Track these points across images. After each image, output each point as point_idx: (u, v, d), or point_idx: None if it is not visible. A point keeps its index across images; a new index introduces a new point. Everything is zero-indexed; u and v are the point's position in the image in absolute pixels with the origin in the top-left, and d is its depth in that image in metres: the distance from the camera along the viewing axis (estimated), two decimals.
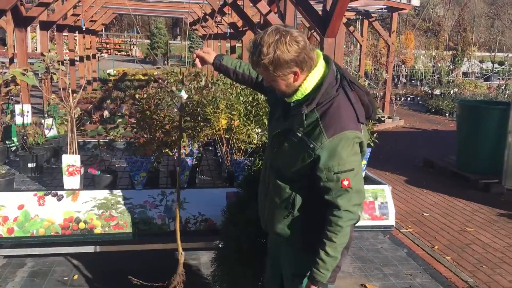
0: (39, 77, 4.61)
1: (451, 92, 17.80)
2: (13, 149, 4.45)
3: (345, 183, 2.02)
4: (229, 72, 2.65)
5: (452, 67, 25.59)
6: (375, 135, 4.04)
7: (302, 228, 2.21)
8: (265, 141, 3.76)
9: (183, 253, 3.18)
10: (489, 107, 7.95)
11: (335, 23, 4.61)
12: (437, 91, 18.48)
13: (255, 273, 2.95)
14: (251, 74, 2.62)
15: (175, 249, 3.24)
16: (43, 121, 4.42)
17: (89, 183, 3.73)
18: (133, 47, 37.52)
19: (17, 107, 4.32)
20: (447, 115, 15.42)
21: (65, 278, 4.02)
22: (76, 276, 4.06)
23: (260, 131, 3.93)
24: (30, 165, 4.00)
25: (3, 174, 3.60)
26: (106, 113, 10.40)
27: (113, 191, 3.47)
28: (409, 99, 19.28)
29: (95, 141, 5.00)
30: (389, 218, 3.72)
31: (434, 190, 7.17)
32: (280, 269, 2.48)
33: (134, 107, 9.89)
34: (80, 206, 3.38)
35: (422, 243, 5.10)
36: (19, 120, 4.32)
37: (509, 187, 7.00)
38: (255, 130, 3.86)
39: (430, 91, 19.04)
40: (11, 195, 3.34)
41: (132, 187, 3.63)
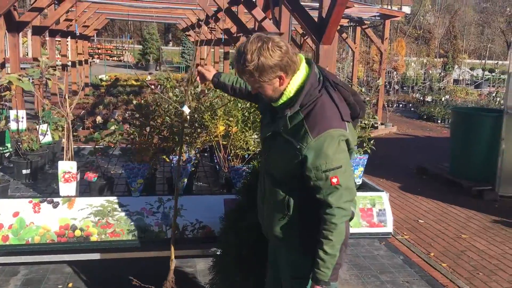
0: (32, 83, 4.57)
1: (443, 99, 17.93)
2: (7, 155, 4.40)
3: (334, 181, 2.06)
4: (227, 88, 2.80)
5: (443, 74, 25.80)
6: (372, 141, 4.04)
7: (299, 230, 2.25)
8: None
9: (174, 260, 3.15)
10: (482, 114, 8.00)
11: (331, 30, 4.62)
12: (429, 98, 18.59)
13: (255, 280, 2.92)
14: (247, 88, 2.70)
15: (174, 256, 3.21)
16: (37, 127, 4.37)
17: (85, 189, 3.69)
18: (125, 53, 37.42)
19: (12, 113, 4.26)
20: (439, 121, 15.52)
21: (60, 286, 3.97)
22: (70, 284, 4.01)
23: (257, 138, 3.91)
24: (24, 172, 3.95)
25: None
26: (98, 118, 10.34)
27: (110, 198, 3.42)
28: (401, 105, 19.38)
29: (89, 147, 4.96)
30: (387, 225, 3.70)
31: (428, 196, 7.19)
32: (279, 274, 2.49)
33: (128, 113, 9.83)
34: (76, 213, 3.33)
35: (418, 250, 5.10)
36: (13, 126, 4.26)
37: (503, 194, 7.05)
38: (253, 136, 3.84)
39: (422, 98, 19.15)
40: (6, 202, 3.29)
41: (128, 193, 3.59)
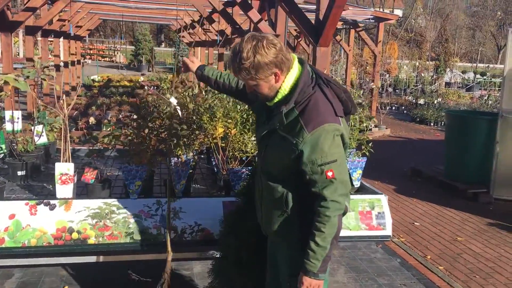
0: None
1: (435, 101, 18.02)
2: (1, 156, 4.33)
3: (329, 174, 2.11)
4: (211, 82, 2.85)
5: (435, 77, 25.92)
6: (370, 144, 4.03)
7: (298, 226, 2.28)
8: None
9: (171, 252, 3.11)
10: (477, 117, 8.03)
11: (328, 32, 4.62)
12: (422, 101, 18.67)
13: (255, 283, 2.89)
14: (231, 83, 2.79)
15: (171, 259, 3.18)
16: (32, 128, 4.32)
17: (81, 191, 3.64)
18: (117, 53, 37.23)
19: (7, 114, 4.21)
20: (432, 124, 15.58)
21: None
22: (66, 287, 3.96)
23: (255, 140, 3.89)
24: (19, 173, 3.90)
25: None
26: (92, 119, 10.25)
27: (107, 200, 3.38)
28: (394, 108, 19.43)
29: (84, 149, 4.90)
30: (386, 228, 3.69)
31: (423, 199, 7.19)
32: (278, 272, 2.50)
33: (122, 114, 9.75)
34: (73, 215, 3.29)
35: (414, 253, 5.10)
36: (9, 126, 4.20)
37: (497, 197, 7.07)
38: (252, 138, 3.81)
39: (414, 101, 19.22)
40: (1, 204, 3.24)
41: (126, 195, 3.56)
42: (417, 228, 5.96)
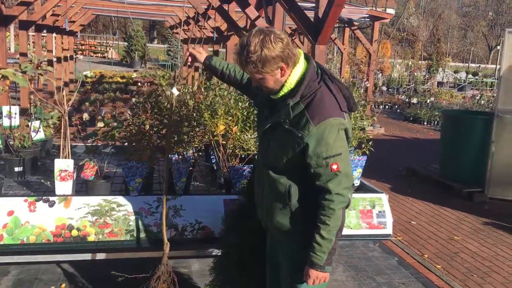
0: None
1: (428, 101, 18.13)
2: None
3: (334, 167, 2.14)
4: (217, 72, 2.86)
5: (427, 76, 26.05)
6: (370, 143, 4.03)
7: (301, 221, 2.29)
8: None
9: (168, 243, 3.08)
10: (473, 117, 8.07)
11: (327, 30, 4.60)
12: (415, 100, 18.76)
13: (256, 281, 2.87)
14: (236, 75, 2.81)
15: (169, 257, 3.14)
16: (29, 123, 4.26)
17: (80, 188, 3.60)
18: (109, 49, 36.98)
19: (5, 109, 4.14)
20: (425, 123, 15.66)
21: (52, 286, 3.87)
22: (63, 284, 3.91)
23: (256, 136, 3.86)
24: (16, 169, 3.84)
25: None
26: (85, 115, 10.18)
27: (107, 197, 3.34)
28: (387, 107, 19.51)
29: (80, 145, 4.85)
30: (387, 227, 3.69)
31: (419, 198, 7.21)
32: (279, 271, 2.50)
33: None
34: (72, 212, 3.24)
35: (412, 252, 5.11)
36: (6, 122, 4.14)
37: (492, 196, 7.10)
38: (253, 136, 3.79)
39: (407, 100, 19.31)
40: (0, 200, 3.19)
41: (125, 192, 3.52)
42: (414, 227, 5.97)
